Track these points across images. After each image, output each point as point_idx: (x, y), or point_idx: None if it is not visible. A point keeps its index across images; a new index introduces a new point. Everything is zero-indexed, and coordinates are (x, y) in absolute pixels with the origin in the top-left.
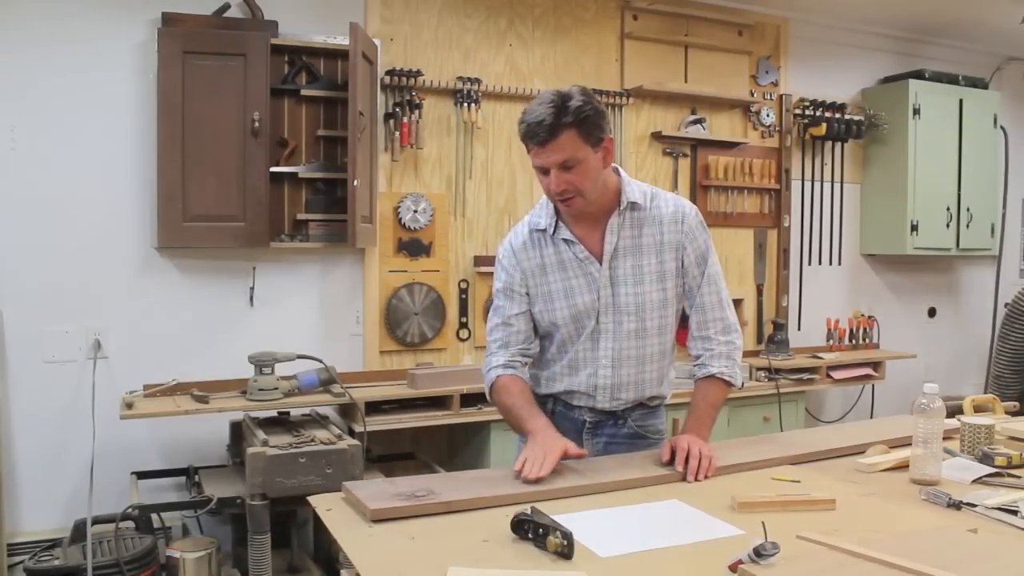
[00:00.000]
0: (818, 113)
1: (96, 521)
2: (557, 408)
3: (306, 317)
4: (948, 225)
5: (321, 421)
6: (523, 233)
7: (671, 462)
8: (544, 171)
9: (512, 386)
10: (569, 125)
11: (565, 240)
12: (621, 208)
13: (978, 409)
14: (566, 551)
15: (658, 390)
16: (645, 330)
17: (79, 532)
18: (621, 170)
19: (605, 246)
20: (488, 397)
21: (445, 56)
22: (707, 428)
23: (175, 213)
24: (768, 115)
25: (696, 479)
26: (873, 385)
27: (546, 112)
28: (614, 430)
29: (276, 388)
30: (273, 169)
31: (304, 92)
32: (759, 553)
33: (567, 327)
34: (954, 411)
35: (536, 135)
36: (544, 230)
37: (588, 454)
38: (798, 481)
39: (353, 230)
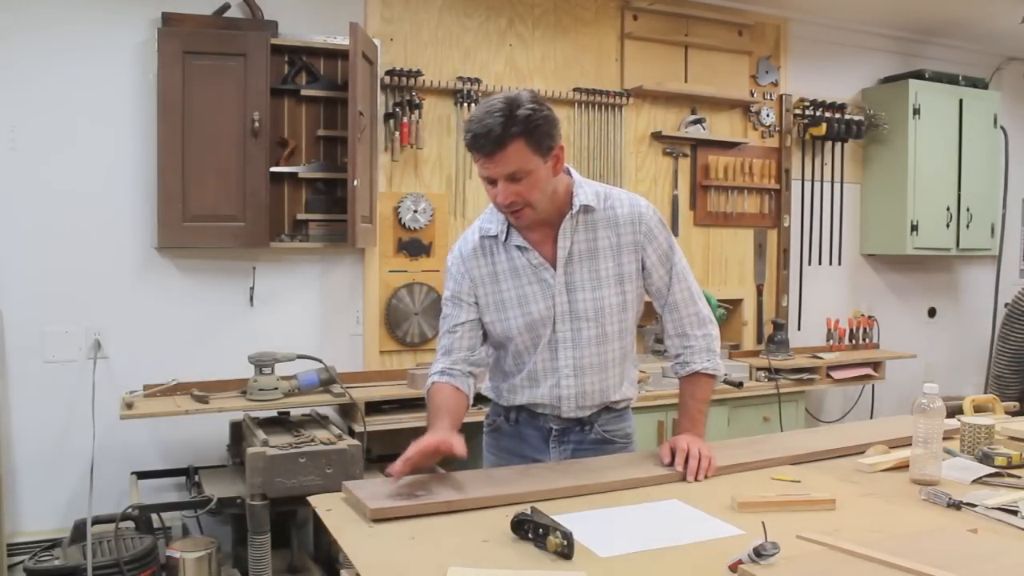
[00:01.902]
0: (818, 113)
1: (96, 521)
2: (521, 416)
3: (306, 317)
4: (948, 225)
5: (321, 421)
6: (473, 240)
7: (672, 463)
8: (491, 181)
9: (437, 394)
10: (517, 135)
11: (518, 247)
12: (573, 211)
13: (978, 409)
14: (566, 551)
15: (622, 393)
16: (605, 335)
17: (79, 532)
18: (573, 171)
19: (558, 251)
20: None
21: (445, 56)
22: (701, 426)
23: (175, 213)
24: (768, 115)
25: (696, 479)
26: (873, 385)
27: (494, 122)
28: (581, 436)
29: (276, 388)
30: (273, 169)
31: (304, 92)
32: (759, 553)
33: (522, 337)
34: (954, 411)
35: (482, 146)
36: (495, 236)
37: (465, 454)
38: (798, 481)
39: (353, 230)
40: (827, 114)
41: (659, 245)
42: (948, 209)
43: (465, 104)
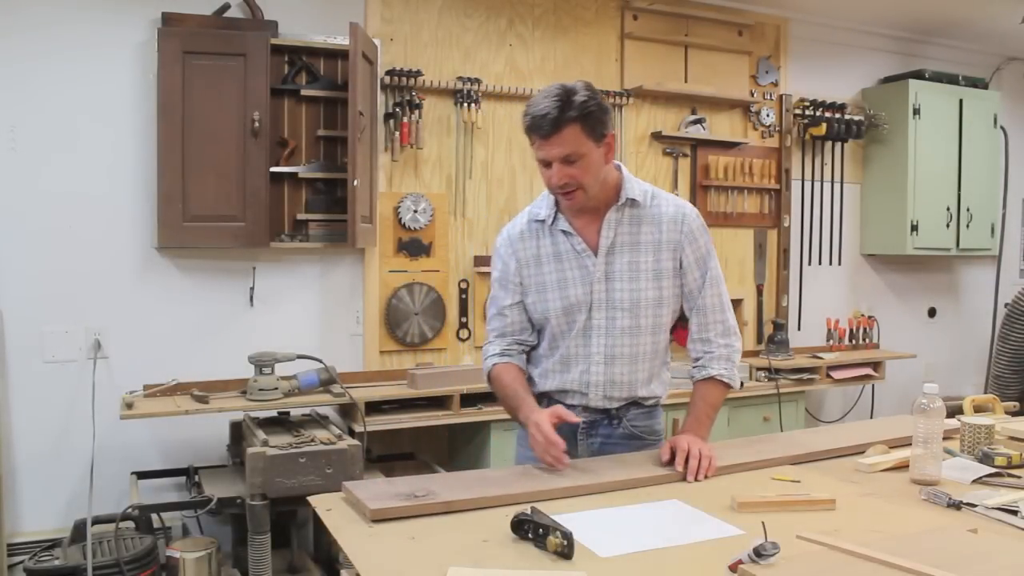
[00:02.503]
0: (818, 113)
1: (96, 521)
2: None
3: (306, 317)
4: (948, 225)
5: (321, 421)
6: (521, 223)
7: (671, 462)
8: (546, 164)
9: (504, 375)
10: (573, 120)
11: (563, 231)
12: (619, 204)
13: (978, 409)
14: (566, 551)
15: (649, 389)
16: (639, 327)
17: (79, 532)
18: (623, 167)
19: (601, 240)
20: (488, 386)
21: (445, 56)
22: (706, 428)
23: (175, 213)
24: (768, 115)
25: (696, 479)
26: (873, 385)
27: (551, 106)
28: (609, 430)
29: (276, 388)
30: (273, 169)
31: (304, 92)
32: (759, 553)
33: (558, 320)
34: (954, 411)
35: (540, 128)
36: (543, 221)
37: (576, 419)
38: (798, 481)
39: (353, 230)
40: (827, 114)
41: (698, 248)
42: (948, 209)
43: (465, 104)
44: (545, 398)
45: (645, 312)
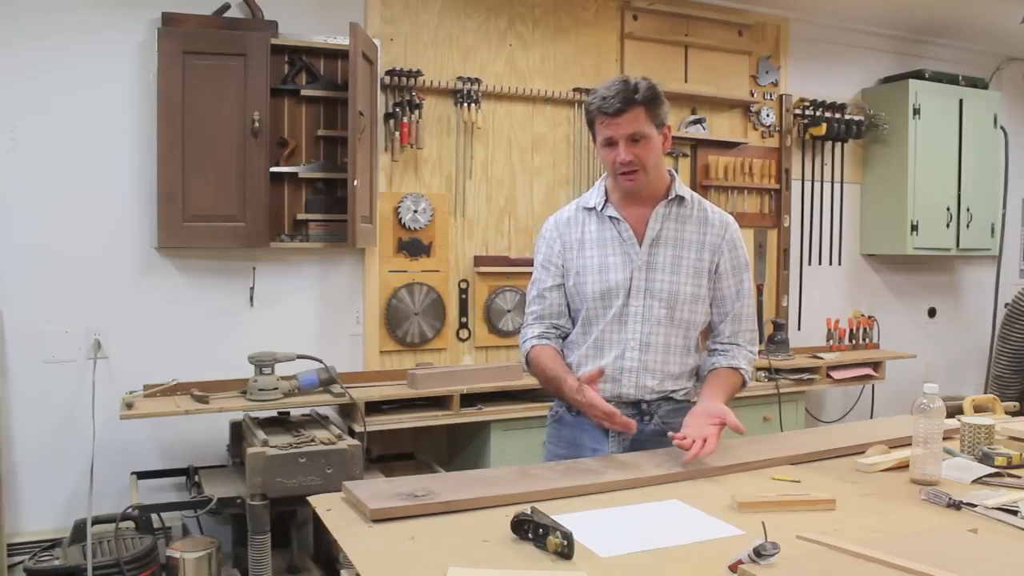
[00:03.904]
0: (818, 113)
1: (96, 521)
2: None
3: (306, 317)
4: (948, 225)
5: (321, 421)
6: (569, 211)
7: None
8: (611, 143)
9: (543, 354)
10: (640, 103)
11: (612, 217)
12: (669, 199)
13: (978, 409)
14: (566, 551)
15: (678, 383)
16: (673, 320)
17: (79, 532)
18: (675, 173)
19: (648, 231)
20: (525, 368)
21: (445, 56)
22: (724, 400)
23: (175, 213)
24: (768, 115)
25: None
26: (873, 385)
27: (621, 87)
28: (640, 427)
29: (276, 388)
30: (273, 169)
31: (304, 92)
32: (759, 553)
33: (595, 302)
34: (954, 411)
35: (611, 106)
36: (592, 208)
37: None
38: (798, 481)
39: (353, 230)
40: (827, 114)
41: (736, 256)
42: (948, 209)
43: (465, 104)
44: None
45: (681, 306)
